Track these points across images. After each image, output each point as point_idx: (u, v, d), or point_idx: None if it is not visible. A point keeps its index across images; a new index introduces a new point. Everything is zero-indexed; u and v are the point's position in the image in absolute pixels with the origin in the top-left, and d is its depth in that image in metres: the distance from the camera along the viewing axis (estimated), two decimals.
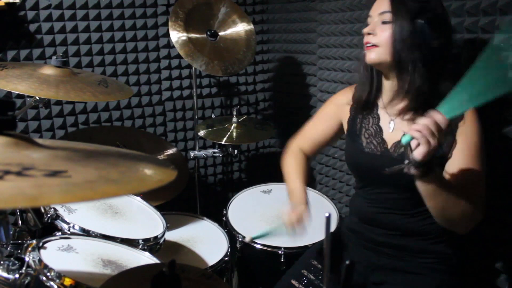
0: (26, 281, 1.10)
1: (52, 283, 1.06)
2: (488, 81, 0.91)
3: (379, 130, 1.26)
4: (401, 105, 1.19)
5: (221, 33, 2.11)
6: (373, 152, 1.25)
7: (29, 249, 1.15)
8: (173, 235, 1.74)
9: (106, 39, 2.25)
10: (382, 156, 1.23)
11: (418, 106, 1.15)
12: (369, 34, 1.18)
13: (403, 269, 1.21)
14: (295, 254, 1.50)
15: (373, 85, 1.28)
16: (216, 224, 1.84)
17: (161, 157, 2.10)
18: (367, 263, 1.27)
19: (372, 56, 1.17)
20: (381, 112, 1.28)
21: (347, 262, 0.63)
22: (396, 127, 1.23)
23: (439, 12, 1.13)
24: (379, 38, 1.15)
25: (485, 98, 0.89)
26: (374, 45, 1.16)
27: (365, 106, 1.29)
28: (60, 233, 1.29)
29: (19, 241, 1.23)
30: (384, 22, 1.15)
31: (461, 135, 1.12)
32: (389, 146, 1.23)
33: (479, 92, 0.90)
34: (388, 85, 1.24)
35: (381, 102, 1.28)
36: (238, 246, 1.62)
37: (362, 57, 1.25)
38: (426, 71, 1.11)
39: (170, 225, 1.72)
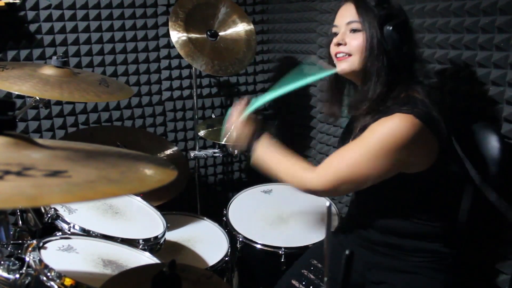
0: (27, 281, 1.10)
1: (52, 283, 1.06)
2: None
3: (350, 132, 1.30)
4: (361, 110, 1.19)
5: (221, 33, 2.11)
6: None
7: (30, 249, 1.15)
8: (173, 235, 1.74)
9: (106, 39, 2.25)
10: None
11: (374, 109, 1.15)
12: (339, 44, 1.18)
13: (400, 269, 1.21)
14: (295, 254, 1.50)
15: (340, 96, 1.32)
16: (216, 224, 1.84)
17: (161, 156, 2.10)
18: (364, 262, 1.27)
19: (344, 65, 1.18)
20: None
21: (347, 252, 0.63)
22: (355, 131, 1.25)
23: (402, 17, 1.14)
24: (350, 47, 1.16)
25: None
26: (346, 55, 1.17)
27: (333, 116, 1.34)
28: (60, 233, 1.29)
29: (20, 241, 1.23)
30: (353, 31, 1.15)
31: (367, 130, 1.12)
32: None
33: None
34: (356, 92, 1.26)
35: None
36: (238, 246, 1.62)
37: (328, 77, 1.27)
38: (388, 78, 1.12)
39: (170, 225, 1.72)
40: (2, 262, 1.12)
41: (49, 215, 1.34)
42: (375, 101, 1.14)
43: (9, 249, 1.20)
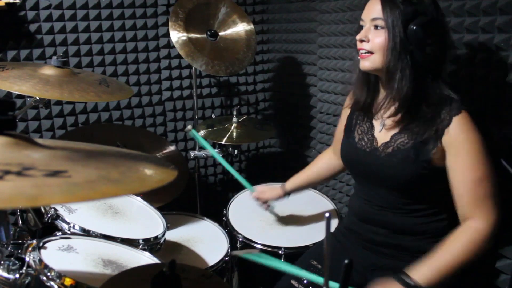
0: (27, 281, 1.10)
1: (52, 283, 1.06)
2: None
3: (371, 127, 1.28)
4: (390, 108, 1.20)
5: (221, 33, 2.11)
6: (363, 149, 1.27)
7: (30, 249, 1.15)
8: (173, 235, 1.74)
9: (106, 39, 2.25)
10: (371, 154, 1.25)
11: (405, 110, 1.15)
12: (362, 41, 1.17)
13: (404, 269, 1.20)
14: (295, 254, 1.50)
15: (369, 91, 1.29)
16: (216, 224, 1.84)
17: (161, 156, 2.10)
18: (367, 263, 1.27)
19: (367, 64, 1.17)
20: (374, 110, 1.29)
21: (346, 261, 0.63)
22: (385, 127, 1.24)
23: (433, 14, 1.10)
24: (372, 45, 1.14)
25: None
26: (368, 52, 1.16)
27: (363, 109, 1.31)
28: (60, 233, 1.29)
29: (20, 241, 1.23)
30: (376, 27, 1.14)
31: (456, 144, 1.10)
32: (378, 145, 1.24)
33: None
34: (382, 89, 1.25)
35: (375, 102, 1.29)
36: (238, 246, 1.62)
37: (357, 63, 1.25)
38: (415, 77, 1.11)
39: (170, 225, 1.72)
40: (2, 262, 1.12)
41: (49, 215, 1.34)
42: (404, 102, 1.13)
43: (9, 249, 1.20)
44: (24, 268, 1.11)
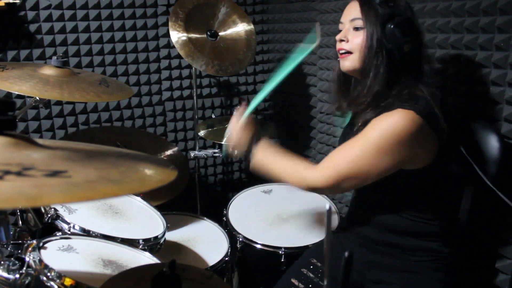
0: (27, 281, 1.10)
1: (52, 283, 1.06)
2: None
3: (351, 128, 1.29)
4: (361, 105, 1.20)
5: (221, 33, 2.11)
6: None
7: (30, 249, 1.14)
8: (173, 235, 1.74)
9: (106, 39, 2.25)
10: None
11: (375, 105, 1.15)
12: (341, 41, 1.19)
13: (399, 268, 1.21)
14: (295, 254, 1.50)
15: (348, 93, 1.30)
16: (216, 224, 1.84)
17: (161, 157, 2.10)
18: (364, 261, 1.27)
19: (346, 63, 1.19)
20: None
21: (346, 254, 0.63)
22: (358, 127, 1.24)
23: (408, 15, 1.13)
24: (352, 45, 1.17)
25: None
26: (348, 52, 1.18)
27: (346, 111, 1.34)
28: (60, 233, 1.29)
29: (20, 241, 1.23)
30: (356, 29, 1.16)
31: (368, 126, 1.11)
32: None
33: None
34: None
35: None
36: (238, 246, 1.62)
37: (337, 65, 1.26)
38: (389, 76, 1.12)
39: (170, 225, 1.72)
40: (2, 262, 1.12)
41: (49, 215, 1.34)
42: (374, 97, 1.14)
43: (9, 249, 1.20)
44: (24, 268, 1.11)
